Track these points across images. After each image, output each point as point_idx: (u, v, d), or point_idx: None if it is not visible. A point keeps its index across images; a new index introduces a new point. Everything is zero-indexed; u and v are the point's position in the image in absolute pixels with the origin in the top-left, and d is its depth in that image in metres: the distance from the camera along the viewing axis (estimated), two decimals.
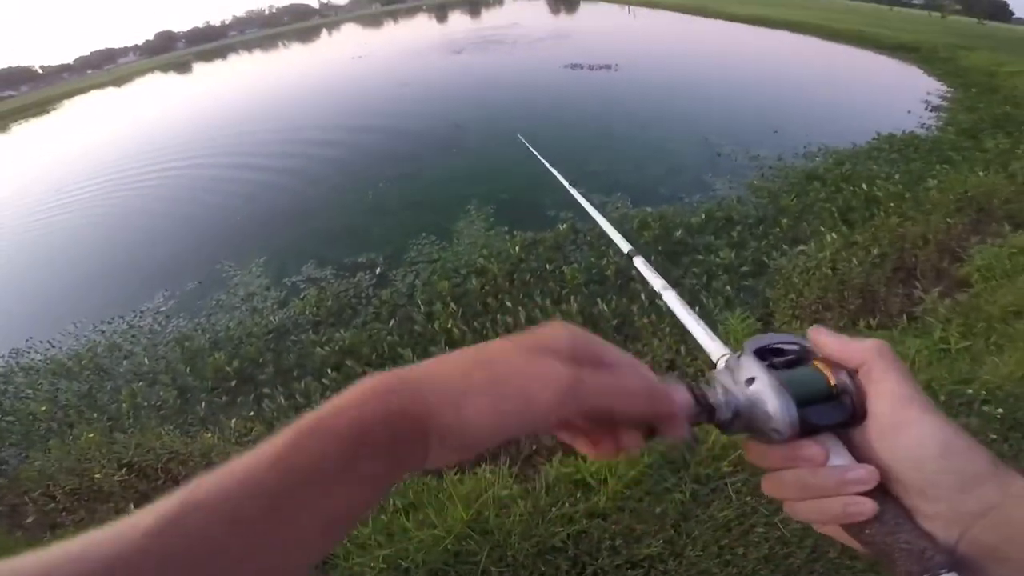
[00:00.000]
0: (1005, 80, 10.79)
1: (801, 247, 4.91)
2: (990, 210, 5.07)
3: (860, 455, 0.37)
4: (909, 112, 9.60)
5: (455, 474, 2.72)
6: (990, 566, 0.32)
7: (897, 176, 6.31)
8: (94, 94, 46.09)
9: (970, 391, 2.42)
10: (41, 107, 42.88)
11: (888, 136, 8.04)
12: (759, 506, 2.06)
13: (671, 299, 0.60)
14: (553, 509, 2.20)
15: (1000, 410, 2.31)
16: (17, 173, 16.89)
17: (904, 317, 3.71)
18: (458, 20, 52.78)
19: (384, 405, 0.31)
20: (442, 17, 58.76)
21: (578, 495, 2.27)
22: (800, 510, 0.39)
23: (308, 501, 0.29)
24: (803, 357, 0.41)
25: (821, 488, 0.37)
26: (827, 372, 0.39)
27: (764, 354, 0.41)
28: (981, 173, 5.98)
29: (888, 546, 0.35)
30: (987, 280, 3.89)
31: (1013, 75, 11.04)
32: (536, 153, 2.71)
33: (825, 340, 0.40)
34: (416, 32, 45.81)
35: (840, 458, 0.37)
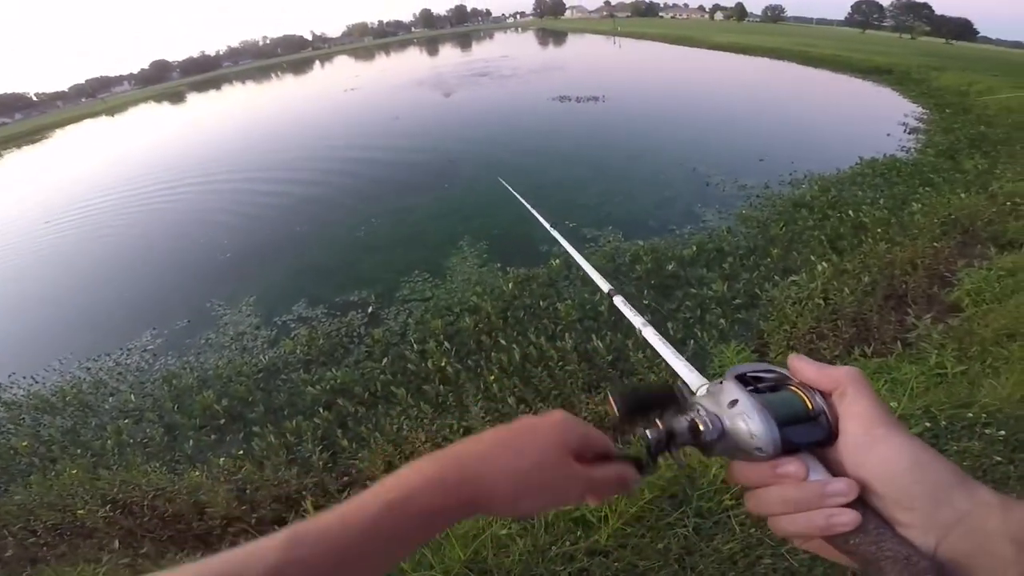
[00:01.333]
0: (976, 99, 11.15)
1: (793, 277, 4.93)
2: (974, 232, 5.15)
3: (836, 472, 0.39)
4: (888, 135, 9.87)
5: None
6: (965, 574, 0.34)
7: (882, 201, 6.43)
8: (87, 123, 46.26)
9: (970, 415, 2.42)
10: (33, 135, 42.93)
11: (870, 160, 8.24)
12: (764, 537, 2.03)
13: (650, 335, 0.65)
14: (553, 548, 2.15)
15: (1002, 432, 2.29)
16: (5, 203, 16.70)
17: (898, 344, 3.71)
18: (449, 53, 53.97)
19: (455, 494, 0.42)
20: (433, 50, 60.03)
21: (578, 533, 2.21)
22: (784, 525, 0.40)
23: (383, 559, 0.40)
24: (780, 383, 0.44)
25: (803, 502, 0.39)
26: (804, 395, 0.42)
27: (744, 380, 0.44)
28: (963, 195, 6.10)
29: (873, 555, 0.36)
30: (978, 304, 3.93)
31: (982, 93, 11.41)
32: (518, 196, 2.73)
33: (802, 366, 0.43)
34: (407, 65, 46.69)
35: (818, 474, 0.39)
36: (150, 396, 4.92)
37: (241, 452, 3.90)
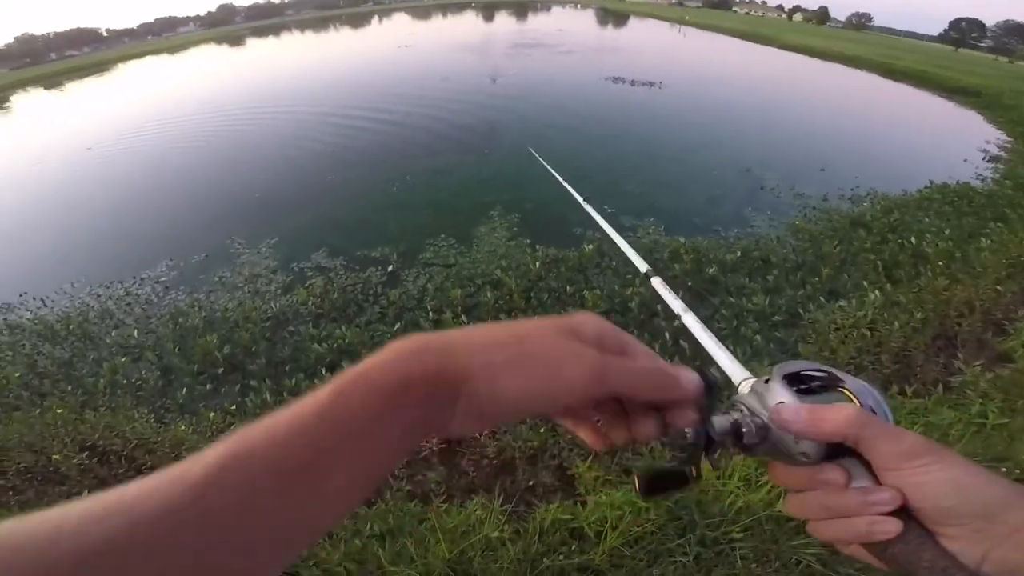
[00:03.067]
0: None
1: (841, 302, 4.54)
2: None
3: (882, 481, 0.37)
4: (965, 161, 9.13)
5: (442, 502, 2.51)
6: None
7: (948, 231, 5.87)
8: (148, 59, 47.32)
9: (1004, 469, 2.33)
10: (97, 68, 44.16)
11: (941, 186, 7.60)
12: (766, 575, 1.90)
13: (690, 321, 0.61)
14: (545, 559, 2.03)
15: None
16: (52, 128, 17.22)
17: (940, 387, 3.41)
18: (504, 20, 52.95)
19: (422, 364, 0.32)
20: (489, 16, 59.08)
21: (573, 546, 2.11)
22: (823, 530, 0.40)
23: (349, 452, 0.30)
24: (829, 384, 0.42)
25: (844, 509, 0.38)
26: (854, 398, 0.40)
27: (792, 380, 0.42)
28: None
29: (910, 564, 0.35)
30: None
31: None
32: (548, 166, 2.49)
33: (790, 422, 0.39)
34: (463, 28, 46.01)
35: (863, 481, 0.38)
36: (153, 333, 4.86)
37: (234, 407, 3.76)
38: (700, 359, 0.54)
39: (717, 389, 0.40)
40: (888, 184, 7.60)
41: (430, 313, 4.68)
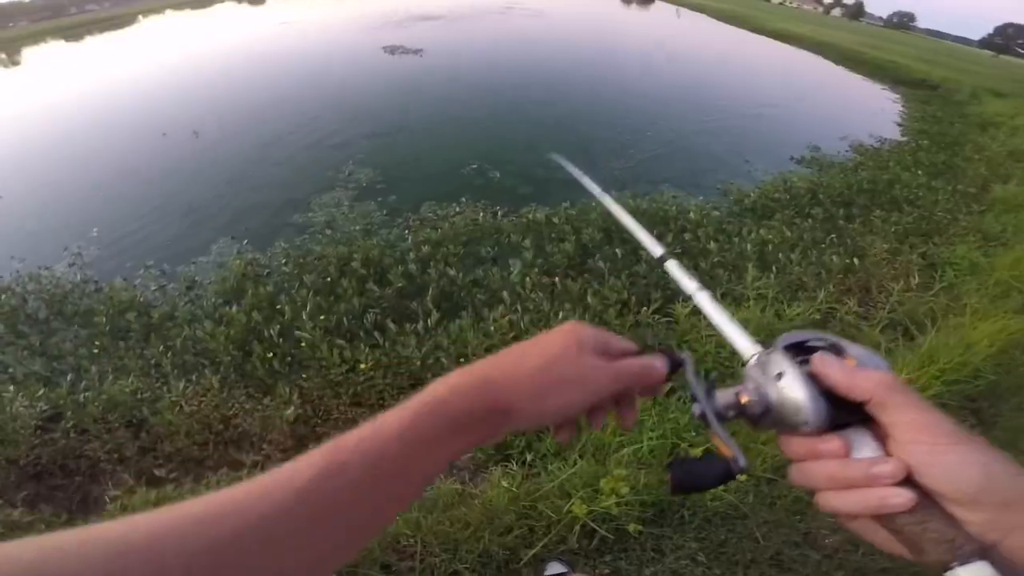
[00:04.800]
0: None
1: None
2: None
3: (892, 452, 0.38)
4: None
5: None
6: None
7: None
8: (169, 13, 46.67)
9: None
10: (116, 21, 43.90)
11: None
12: None
13: (704, 301, 0.60)
14: None
15: None
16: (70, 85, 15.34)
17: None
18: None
19: (482, 397, 0.44)
20: None
21: None
22: (831, 501, 0.41)
23: (419, 468, 0.41)
24: (833, 351, 0.43)
25: (849, 479, 0.39)
26: (853, 364, 0.41)
27: (795, 350, 0.43)
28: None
29: (917, 535, 0.36)
30: None
31: None
32: (567, 164, 2.34)
33: (829, 371, 0.41)
34: None
35: (867, 451, 0.39)
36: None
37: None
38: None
39: (686, 365, 0.49)
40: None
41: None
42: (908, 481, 0.37)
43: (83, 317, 4.43)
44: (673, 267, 0.68)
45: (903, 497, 0.36)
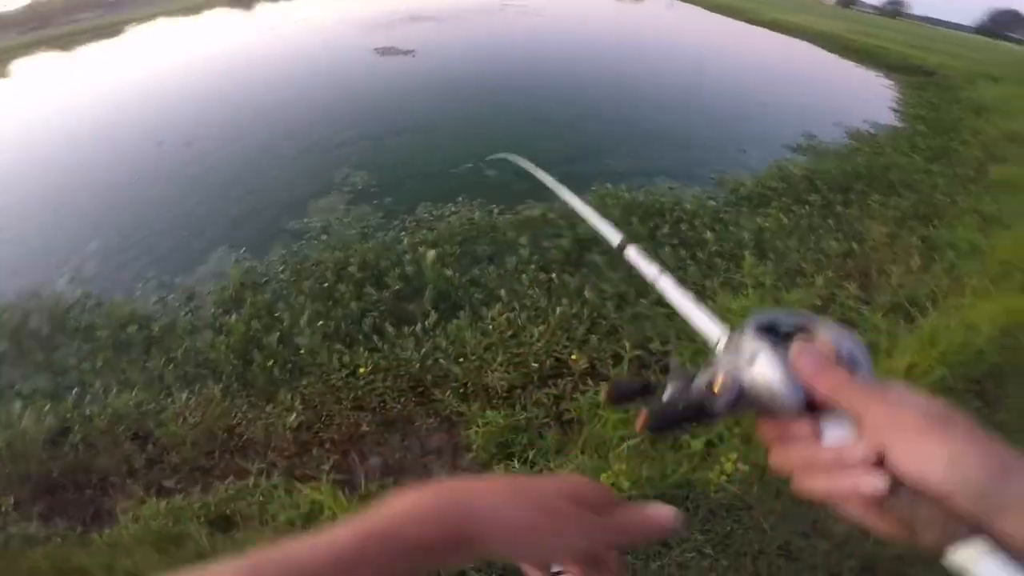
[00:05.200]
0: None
1: None
2: None
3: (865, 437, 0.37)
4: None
5: None
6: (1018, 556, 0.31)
7: None
8: (160, 20, 46.77)
9: None
10: (107, 30, 44.02)
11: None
12: None
13: (666, 286, 0.58)
14: None
15: None
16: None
17: None
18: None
19: (448, 528, 0.36)
20: None
21: None
22: (810, 486, 0.39)
23: None
24: (804, 332, 0.41)
25: (821, 463, 0.38)
26: (828, 346, 0.39)
27: (766, 330, 0.42)
28: None
29: (908, 518, 0.35)
30: None
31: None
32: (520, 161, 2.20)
33: (801, 368, 0.39)
34: None
35: (842, 436, 0.38)
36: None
37: None
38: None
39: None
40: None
41: None
42: (884, 465, 0.36)
43: (85, 332, 4.46)
44: (633, 254, 0.67)
45: (876, 482, 0.35)
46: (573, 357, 3.44)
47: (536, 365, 3.42)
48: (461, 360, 3.50)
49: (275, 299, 4.51)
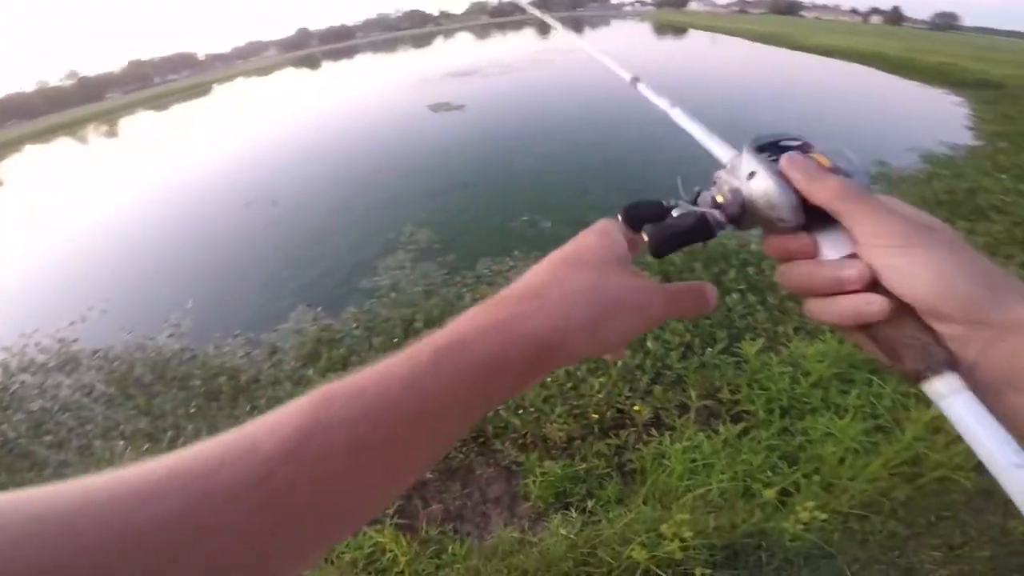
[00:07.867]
0: None
1: None
2: None
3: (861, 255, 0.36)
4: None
5: None
6: (1007, 391, 0.30)
7: None
8: (239, 81, 51.87)
9: None
10: (196, 91, 48.89)
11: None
12: None
13: (679, 116, 0.59)
14: None
15: None
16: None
17: None
18: (561, 38, 52.74)
19: (520, 339, 0.32)
20: (544, 30, 59.95)
21: None
22: (814, 309, 0.38)
23: (431, 429, 0.30)
24: (803, 150, 0.41)
25: (821, 281, 0.37)
26: (825, 162, 0.39)
27: (766, 149, 0.42)
28: None
29: (894, 341, 0.34)
30: None
31: None
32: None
33: (791, 175, 0.38)
34: (519, 45, 46.56)
35: (841, 251, 0.37)
36: None
37: None
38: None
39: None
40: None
41: None
42: (881, 288, 0.35)
43: (181, 381, 4.97)
44: (645, 88, 0.72)
45: (876, 305, 0.34)
46: (636, 408, 3.44)
47: (596, 416, 3.46)
48: (520, 412, 3.59)
49: (349, 354, 4.85)
